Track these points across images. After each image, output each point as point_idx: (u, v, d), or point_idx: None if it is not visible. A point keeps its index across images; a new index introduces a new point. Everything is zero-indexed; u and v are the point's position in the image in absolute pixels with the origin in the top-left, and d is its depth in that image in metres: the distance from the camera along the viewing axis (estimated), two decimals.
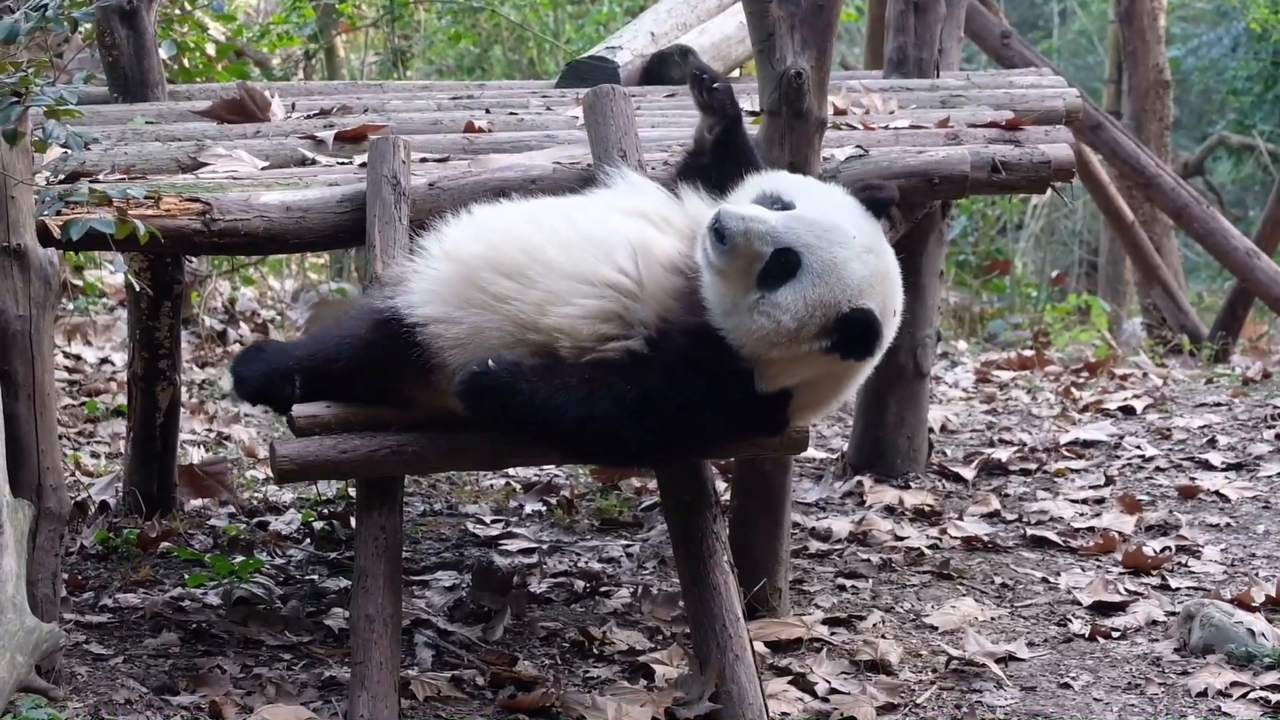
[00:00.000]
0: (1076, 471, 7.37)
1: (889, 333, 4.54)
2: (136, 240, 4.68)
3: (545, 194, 5.15)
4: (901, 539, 6.51)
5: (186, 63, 8.99)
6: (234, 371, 5.16)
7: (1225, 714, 5.10)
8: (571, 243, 4.63)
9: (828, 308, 4.38)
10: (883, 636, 5.57)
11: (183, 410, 7.32)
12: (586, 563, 6.33)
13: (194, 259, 8.98)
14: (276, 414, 5.68)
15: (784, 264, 4.38)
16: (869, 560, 6.31)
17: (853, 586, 6.05)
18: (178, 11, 8.84)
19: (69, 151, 4.91)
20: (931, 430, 7.65)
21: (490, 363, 4.53)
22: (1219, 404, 8.37)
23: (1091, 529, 6.60)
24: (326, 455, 4.73)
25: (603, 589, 6.01)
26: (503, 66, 15.51)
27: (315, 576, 6.11)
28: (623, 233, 4.63)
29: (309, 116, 6.60)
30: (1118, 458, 7.52)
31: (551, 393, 4.49)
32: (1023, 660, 5.46)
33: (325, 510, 6.85)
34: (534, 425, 4.53)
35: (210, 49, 9.50)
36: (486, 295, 4.61)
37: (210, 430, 8.16)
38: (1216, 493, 6.97)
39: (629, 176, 5.01)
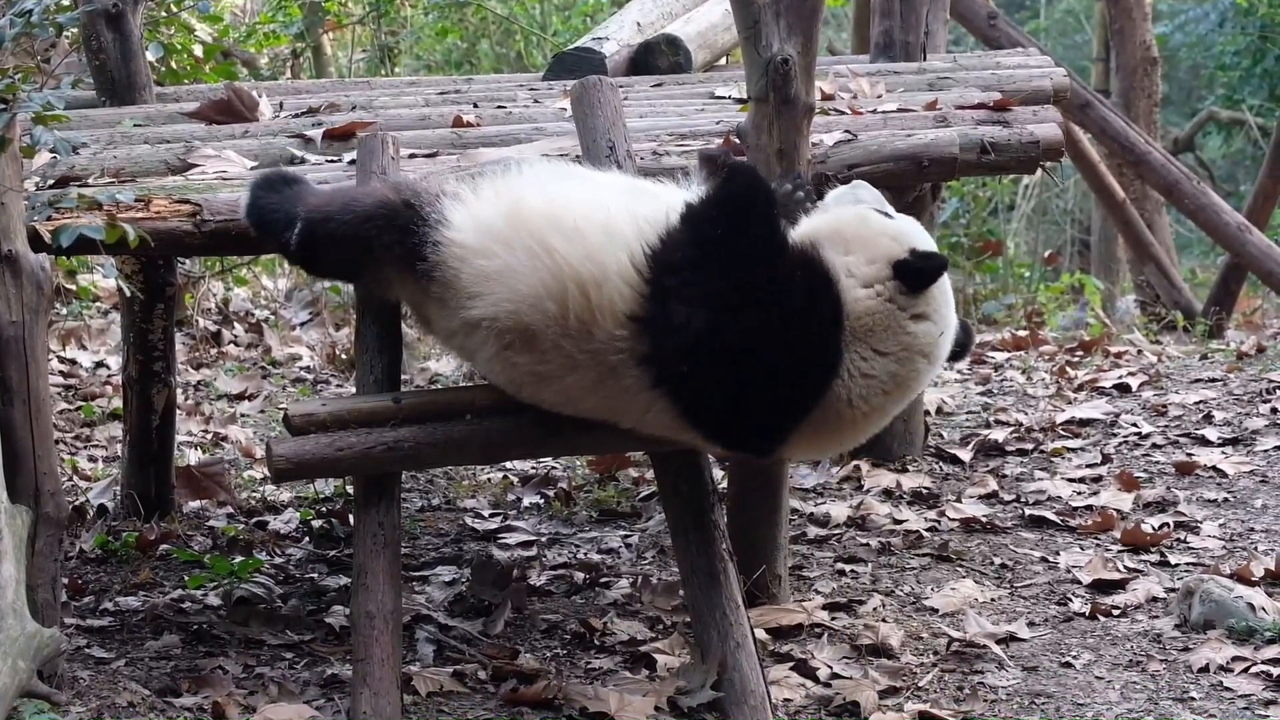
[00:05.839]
0: (1073, 450, 7.36)
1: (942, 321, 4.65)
2: (127, 244, 4.69)
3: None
4: (900, 522, 6.51)
5: (174, 64, 8.97)
6: (253, 191, 5.02)
7: (1227, 689, 5.11)
8: (639, 220, 4.62)
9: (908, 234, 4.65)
10: (883, 620, 5.58)
11: (179, 412, 7.31)
12: (585, 554, 6.33)
13: (186, 260, 8.98)
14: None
15: None
16: (868, 544, 6.31)
17: (852, 571, 6.05)
18: (164, 14, 8.83)
19: (57, 156, 4.92)
20: (927, 413, 7.64)
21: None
22: (1214, 379, 8.37)
23: (1089, 507, 6.60)
24: (323, 453, 4.73)
25: (602, 580, 6.01)
26: (490, 60, 15.53)
27: (315, 575, 6.11)
28: None
29: (297, 115, 6.60)
30: (1114, 436, 7.52)
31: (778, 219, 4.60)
32: (1024, 640, 5.47)
33: (323, 508, 6.84)
34: (736, 219, 4.54)
35: (197, 50, 9.49)
36: (535, 243, 4.57)
37: (207, 431, 8.17)
38: (1214, 468, 6.97)
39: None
